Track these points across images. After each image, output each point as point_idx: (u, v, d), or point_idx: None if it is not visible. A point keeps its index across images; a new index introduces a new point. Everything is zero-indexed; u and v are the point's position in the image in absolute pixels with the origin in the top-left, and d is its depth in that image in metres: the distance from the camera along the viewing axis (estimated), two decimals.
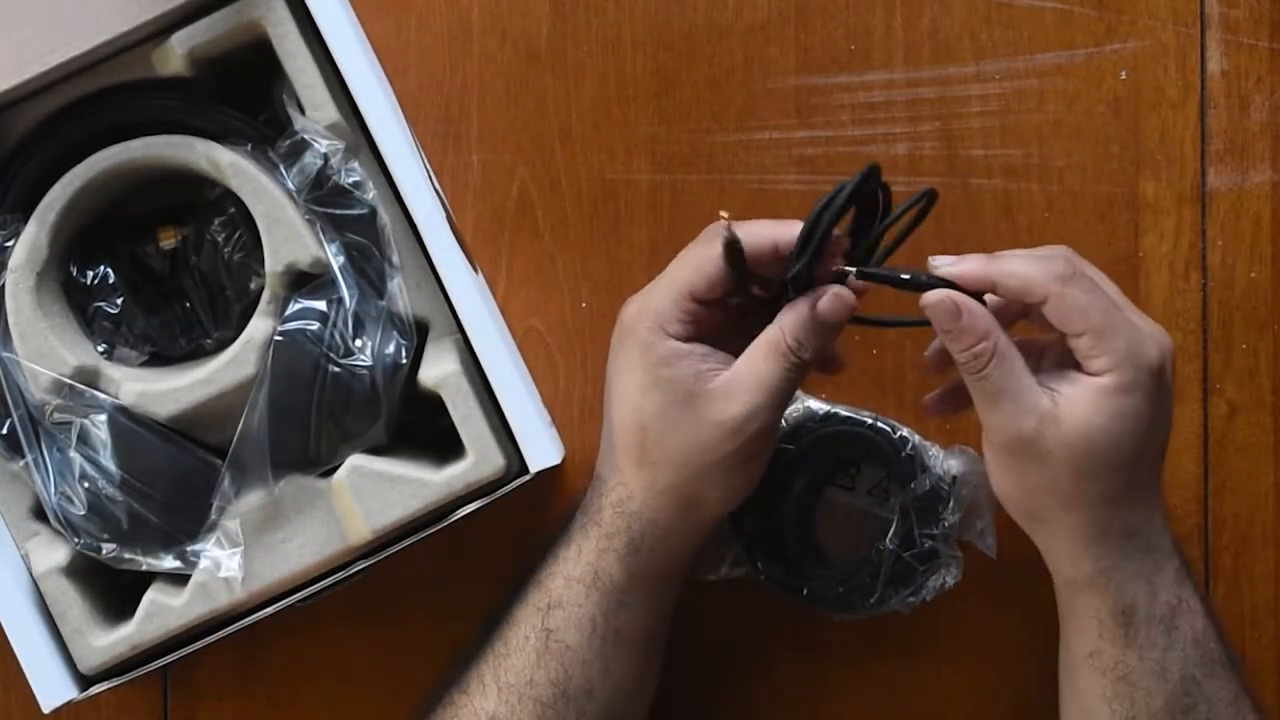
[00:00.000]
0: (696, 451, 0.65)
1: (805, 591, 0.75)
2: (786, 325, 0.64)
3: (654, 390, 0.65)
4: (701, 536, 0.70)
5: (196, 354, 0.73)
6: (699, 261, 0.65)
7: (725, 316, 0.67)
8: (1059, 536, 0.65)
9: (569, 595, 0.67)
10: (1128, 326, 0.62)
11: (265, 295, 0.70)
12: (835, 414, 0.75)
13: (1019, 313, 0.66)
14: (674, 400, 0.65)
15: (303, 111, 0.70)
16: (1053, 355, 0.66)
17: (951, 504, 0.73)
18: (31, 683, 0.70)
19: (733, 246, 0.63)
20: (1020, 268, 0.62)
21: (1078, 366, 0.63)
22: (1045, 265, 0.62)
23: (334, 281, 0.69)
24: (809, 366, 0.65)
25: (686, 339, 0.65)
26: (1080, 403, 0.62)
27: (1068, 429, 0.62)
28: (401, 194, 0.70)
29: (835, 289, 0.64)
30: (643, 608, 0.68)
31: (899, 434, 0.74)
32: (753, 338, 0.65)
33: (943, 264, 0.63)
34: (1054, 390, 0.62)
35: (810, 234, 0.63)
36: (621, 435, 0.67)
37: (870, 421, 0.75)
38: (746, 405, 0.64)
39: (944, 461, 0.74)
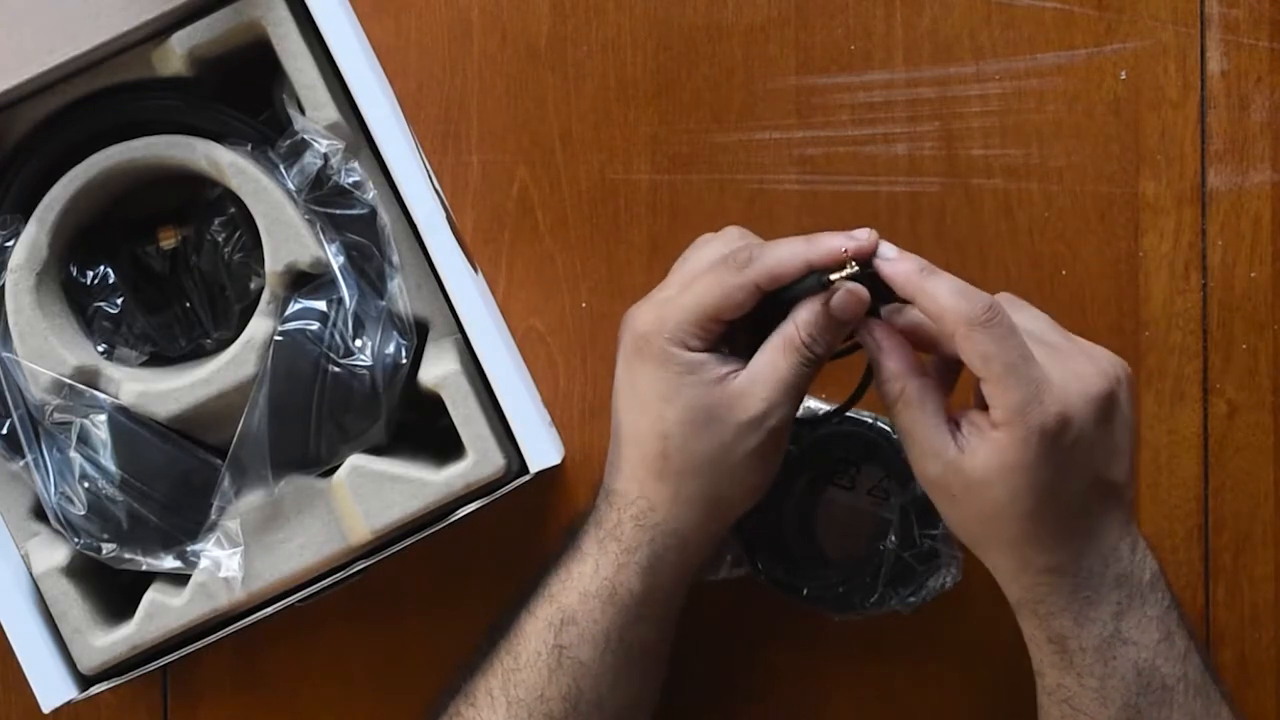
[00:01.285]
0: (720, 453, 0.65)
1: (805, 591, 0.75)
2: (801, 321, 0.65)
3: (678, 397, 0.65)
4: (716, 544, 0.70)
5: (196, 354, 0.73)
6: (728, 289, 0.65)
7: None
8: (988, 562, 0.66)
9: (584, 611, 0.67)
10: (1028, 382, 0.61)
11: (265, 295, 0.70)
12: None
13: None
14: (698, 404, 0.65)
15: (303, 111, 0.70)
16: None
17: None
18: (31, 683, 0.69)
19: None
20: (943, 295, 0.62)
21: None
22: (965, 302, 0.61)
23: (334, 281, 0.69)
24: (821, 362, 0.65)
25: (702, 351, 0.66)
26: (979, 453, 0.62)
27: (968, 476, 0.62)
28: (401, 194, 0.70)
29: (850, 285, 0.64)
30: (656, 620, 0.68)
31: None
32: (745, 343, 0.66)
33: (885, 254, 0.64)
34: (963, 435, 0.63)
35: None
36: (641, 446, 0.67)
37: (870, 421, 0.75)
38: (765, 401, 0.65)
39: None
